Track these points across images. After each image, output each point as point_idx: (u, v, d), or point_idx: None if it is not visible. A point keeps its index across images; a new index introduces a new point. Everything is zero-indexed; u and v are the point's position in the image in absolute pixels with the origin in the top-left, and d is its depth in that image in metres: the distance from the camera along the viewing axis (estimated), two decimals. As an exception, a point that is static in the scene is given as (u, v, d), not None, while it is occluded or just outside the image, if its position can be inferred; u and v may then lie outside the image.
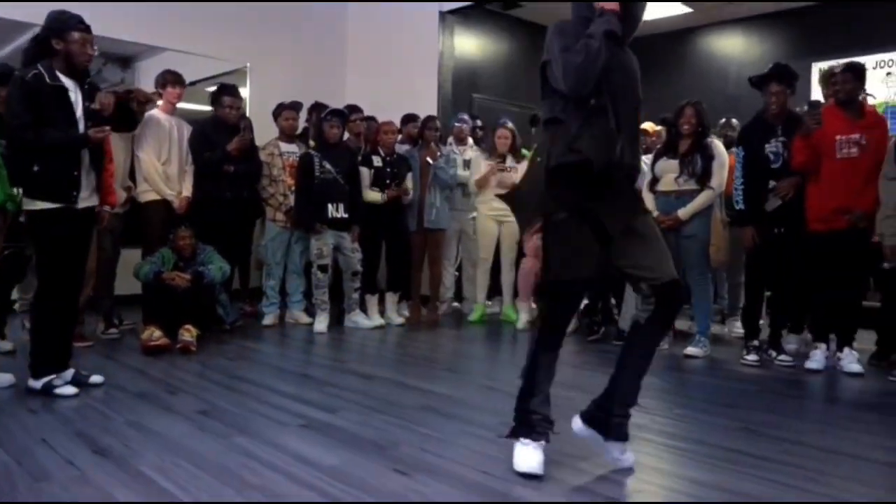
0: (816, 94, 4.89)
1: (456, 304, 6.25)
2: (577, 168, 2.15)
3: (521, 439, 2.29)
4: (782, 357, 4.22)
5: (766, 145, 4.22)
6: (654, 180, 4.55)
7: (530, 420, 2.29)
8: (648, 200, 4.53)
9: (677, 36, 8.27)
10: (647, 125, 6.41)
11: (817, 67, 6.85)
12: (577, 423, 2.43)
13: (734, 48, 7.99)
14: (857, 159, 3.94)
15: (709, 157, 4.35)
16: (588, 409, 2.41)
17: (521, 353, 4.68)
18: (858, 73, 4.00)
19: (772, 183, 4.20)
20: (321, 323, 5.03)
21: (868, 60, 6.60)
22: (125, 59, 6.31)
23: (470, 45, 7.67)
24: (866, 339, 4.40)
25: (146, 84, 5.51)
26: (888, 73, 6.71)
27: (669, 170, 4.45)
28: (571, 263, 2.19)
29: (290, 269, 5.33)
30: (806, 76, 6.61)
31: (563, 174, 2.17)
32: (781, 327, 4.45)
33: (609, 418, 2.33)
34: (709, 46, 8.21)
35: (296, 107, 5.48)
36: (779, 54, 7.42)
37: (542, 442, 2.28)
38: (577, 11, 2.28)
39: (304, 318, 5.30)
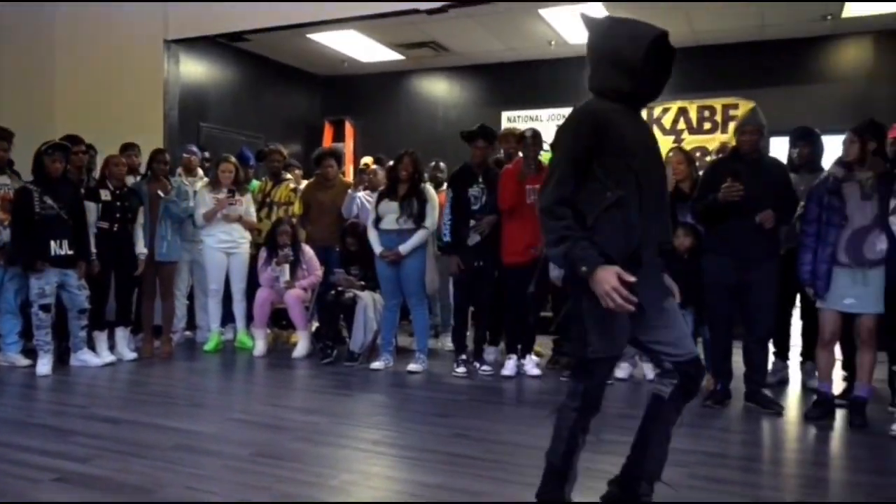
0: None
1: (188, 332, 6.27)
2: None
3: None
4: (484, 367, 5.08)
5: (470, 189, 5.05)
6: (378, 219, 5.15)
7: None
8: (373, 237, 5.13)
9: (393, 78, 9.10)
10: (368, 159, 7.07)
11: (505, 116, 8.16)
12: None
13: (441, 93, 9.06)
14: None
15: (423, 200, 5.06)
16: (610, 493, 2.38)
17: (258, 380, 5.04)
18: (540, 138, 4.97)
19: (472, 222, 5.04)
20: (44, 365, 4.78)
21: (543, 113, 8.03)
22: None
23: (196, 73, 7.67)
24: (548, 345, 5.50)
25: None
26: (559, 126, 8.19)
27: (391, 211, 5.08)
28: (611, 339, 2.16)
29: (3, 310, 4.97)
30: (497, 122, 7.81)
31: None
32: (483, 341, 5.33)
33: (638, 498, 2.32)
34: (420, 90, 9.18)
35: (6, 136, 5.10)
36: (476, 101, 8.66)
37: None
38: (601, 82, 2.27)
39: (22, 361, 4.97)
